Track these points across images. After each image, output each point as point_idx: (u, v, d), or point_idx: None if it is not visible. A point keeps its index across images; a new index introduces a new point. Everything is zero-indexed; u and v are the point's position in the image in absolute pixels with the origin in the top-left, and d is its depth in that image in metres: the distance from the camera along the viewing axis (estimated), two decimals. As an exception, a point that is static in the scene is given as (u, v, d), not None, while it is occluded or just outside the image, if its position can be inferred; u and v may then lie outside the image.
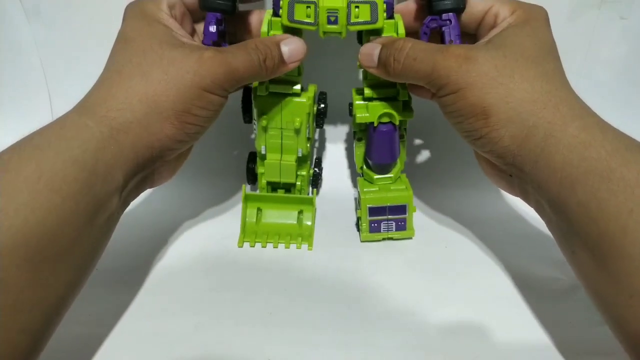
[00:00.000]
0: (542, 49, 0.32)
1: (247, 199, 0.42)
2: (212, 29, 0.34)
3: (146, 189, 0.34)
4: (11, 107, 0.49)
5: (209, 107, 0.32)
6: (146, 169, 0.32)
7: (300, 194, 0.43)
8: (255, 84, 0.37)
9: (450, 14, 0.34)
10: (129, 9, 0.34)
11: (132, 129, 0.29)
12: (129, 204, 0.32)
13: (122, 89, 0.30)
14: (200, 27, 0.37)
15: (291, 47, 0.34)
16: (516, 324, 0.34)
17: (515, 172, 0.31)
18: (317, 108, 0.40)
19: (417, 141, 0.50)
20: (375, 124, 0.38)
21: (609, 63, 0.48)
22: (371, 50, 0.34)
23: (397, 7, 0.37)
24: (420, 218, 0.44)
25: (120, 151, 0.29)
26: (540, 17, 0.33)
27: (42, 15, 0.45)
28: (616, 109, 0.50)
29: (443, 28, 0.34)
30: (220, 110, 0.33)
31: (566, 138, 0.28)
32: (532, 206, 0.32)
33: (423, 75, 0.32)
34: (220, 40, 0.35)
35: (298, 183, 0.42)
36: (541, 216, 0.32)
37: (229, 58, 0.31)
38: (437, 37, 0.35)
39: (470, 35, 0.36)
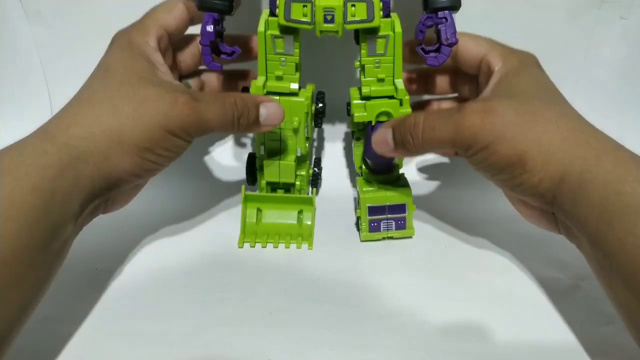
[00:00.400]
0: (548, 92, 0.32)
1: (246, 199, 0.42)
2: (210, 28, 0.34)
3: (99, 214, 0.33)
4: (11, 107, 0.49)
5: (172, 149, 0.32)
6: (102, 197, 0.31)
7: (299, 194, 0.43)
8: (253, 85, 0.37)
9: (446, 12, 0.34)
10: (116, 38, 0.34)
11: (92, 159, 0.29)
12: (82, 228, 0.32)
13: (88, 117, 0.30)
14: (181, 55, 0.38)
15: (269, 112, 0.34)
16: (516, 324, 0.34)
17: (556, 211, 0.31)
18: (316, 108, 0.40)
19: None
20: (374, 123, 0.38)
21: (608, 63, 0.48)
22: (383, 135, 0.34)
23: None
24: (420, 218, 0.44)
25: (77, 180, 0.29)
26: (532, 62, 0.34)
27: (43, 16, 0.45)
28: (616, 109, 0.51)
29: (439, 26, 0.34)
30: (182, 152, 0.33)
31: (601, 174, 0.28)
32: (574, 243, 0.32)
33: (447, 142, 0.32)
34: (218, 40, 0.35)
35: (297, 183, 0.42)
36: (582, 253, 0.31)
37: (203, 109, 0.31)
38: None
39: (472, 77, 0.37)
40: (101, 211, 0.33)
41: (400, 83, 0.37)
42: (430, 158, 0.50)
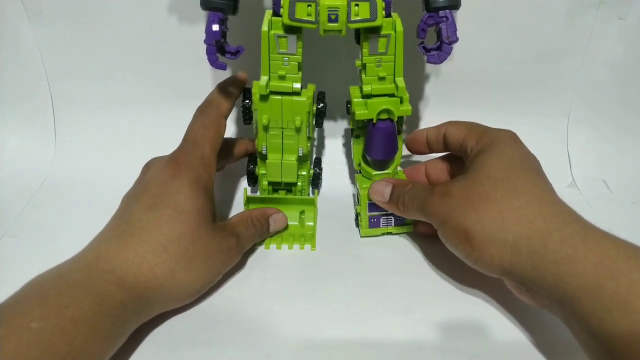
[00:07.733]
0: (508, 167, 0.33)
1: (248, 201, 0.42)
2: (215, 27, 0.34)
3: None
4: (13, 107, 0.49)
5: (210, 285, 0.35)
6: None
7: (301, 194, 0.43)
8: (255, 85, 0.38)
9: (447, 10, 0.34)
10: (186, 173, 0.35)
11: (154, 307, 0.32)
12: None
13: (165, 271, 0.31)
14: None
15: (276, 221, 0.41)
16: (516, 323, 0.34)
17: (526, 286, 0.31)
18: (317, 107, 0.41)
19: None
20: (375, 121, 0.39)
21: (607, 63, 0.49)
22: (382, 188, 0.39)
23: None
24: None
25: (136, 321, 0.31)
26: (505, 138, 0.35)
27: (44, 16, 0.45)
28: (613, 109, 0.51)
29: (440, 25, 0.35)
30: None
31: (549, 253, 0.29)
32: (553, 313, 0.31)
33: (419, 213, 0.36)
34: (222, 39, 0.35)
35: (299, 183, 0.42)
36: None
37: (243, 244, 0.37)
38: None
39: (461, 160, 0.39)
40: None
41: (400, 81, 0.38)
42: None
